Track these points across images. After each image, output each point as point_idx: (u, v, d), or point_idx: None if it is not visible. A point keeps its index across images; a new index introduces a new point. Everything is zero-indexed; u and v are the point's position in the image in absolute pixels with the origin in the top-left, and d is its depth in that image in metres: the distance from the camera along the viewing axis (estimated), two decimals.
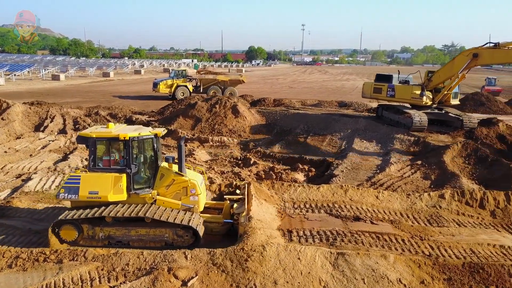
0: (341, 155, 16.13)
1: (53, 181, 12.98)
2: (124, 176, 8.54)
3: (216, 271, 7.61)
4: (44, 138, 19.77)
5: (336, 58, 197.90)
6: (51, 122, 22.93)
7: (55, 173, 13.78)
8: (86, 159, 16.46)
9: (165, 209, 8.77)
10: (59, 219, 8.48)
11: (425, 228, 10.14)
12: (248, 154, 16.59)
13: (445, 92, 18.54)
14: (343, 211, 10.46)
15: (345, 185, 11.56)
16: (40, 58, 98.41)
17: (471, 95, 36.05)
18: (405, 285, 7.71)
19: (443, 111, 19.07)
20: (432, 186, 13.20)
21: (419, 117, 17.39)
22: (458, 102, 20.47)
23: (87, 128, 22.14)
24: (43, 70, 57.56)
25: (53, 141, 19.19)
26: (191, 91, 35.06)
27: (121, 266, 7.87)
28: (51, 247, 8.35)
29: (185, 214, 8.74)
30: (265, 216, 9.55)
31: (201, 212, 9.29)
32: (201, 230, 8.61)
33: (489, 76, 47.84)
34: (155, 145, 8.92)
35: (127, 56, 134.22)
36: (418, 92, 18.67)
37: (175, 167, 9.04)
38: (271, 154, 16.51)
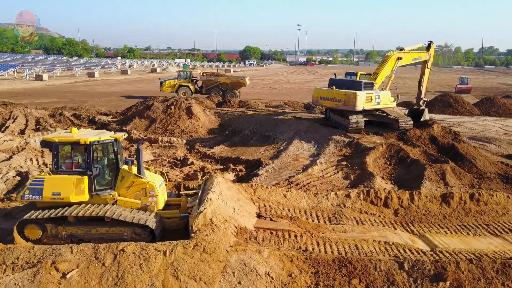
0: (275, 155, 16.68)
1: None
2: (85, 178, 9.10)
3: (96, 265, 8.17)
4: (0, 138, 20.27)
5: (330, 59, 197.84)
6: (13, 122, 23.46)
7: None
8: (30, 159, 17.05)
9: (124, 209, 9.33)
10: (23, 219, 9.05)
11: (319, 225, 10.70)
12: (188, 155, 17.14)
13: None
14: None
15: (254, 184, 12.13)
16: (31, 57, 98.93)
17: (440, 97, 36.78)
18: (272, 278, 8.24)
19: (386, 114, 19.66)
20: (349, 186, 13.76)
21: (356, 119, 17.94)
22: None
23: (47, 128, 22.88)
24: (27, 70, 58.00)
25: (7, 141, 19.70)
26: (193, 91, 36.39)
27: (11, 259, 8.43)
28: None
29: (143, 213, 9.28)
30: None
31: (161, 209, 9.84)
32: (157, 228, 9.10)
33: (462, 76, 51.84)
34: (116, 148, 9.52)
35: (120, 56, 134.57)
36: (393, 98, 20.06)
37: (135, 169, 9.60)
38: (210, 154, 17.05)
